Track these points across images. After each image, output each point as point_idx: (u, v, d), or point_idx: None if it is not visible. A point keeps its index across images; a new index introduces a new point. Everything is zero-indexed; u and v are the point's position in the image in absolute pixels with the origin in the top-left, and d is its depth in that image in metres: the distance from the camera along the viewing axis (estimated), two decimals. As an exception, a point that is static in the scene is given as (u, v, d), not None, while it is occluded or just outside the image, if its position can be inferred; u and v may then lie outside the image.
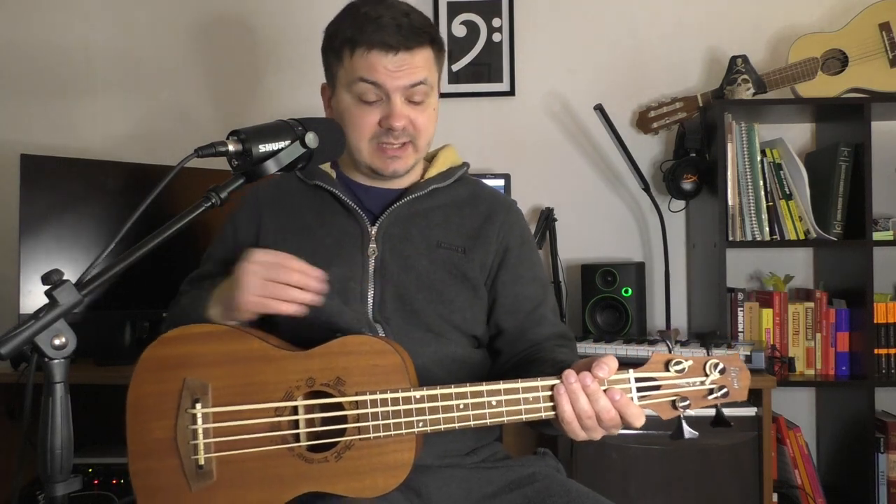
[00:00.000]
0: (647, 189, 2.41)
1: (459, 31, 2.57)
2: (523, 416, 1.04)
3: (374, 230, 1.30)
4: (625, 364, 1.06)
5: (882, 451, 2.18)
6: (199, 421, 1.07)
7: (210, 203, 1.01)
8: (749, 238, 2.25)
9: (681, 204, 2.49)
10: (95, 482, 2.03)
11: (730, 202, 2.23)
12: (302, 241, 1.30)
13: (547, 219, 2.38)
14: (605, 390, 1.02)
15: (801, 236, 2.25)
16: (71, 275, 0.89)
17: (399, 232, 1.31)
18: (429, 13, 2.53)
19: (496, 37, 2.56)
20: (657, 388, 1.03)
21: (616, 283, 2.27)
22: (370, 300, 1.27)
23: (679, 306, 2.50)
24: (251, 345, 1.11)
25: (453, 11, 2.56)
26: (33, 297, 2.02)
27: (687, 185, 2.33)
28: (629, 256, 2.53)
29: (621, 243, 2.54)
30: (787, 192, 2.27)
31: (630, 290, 2.27)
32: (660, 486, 1.86)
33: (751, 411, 1.86)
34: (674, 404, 1.03)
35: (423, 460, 1.22)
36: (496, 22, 2.56)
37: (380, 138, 1.27)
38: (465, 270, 1.30)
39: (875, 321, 2.20)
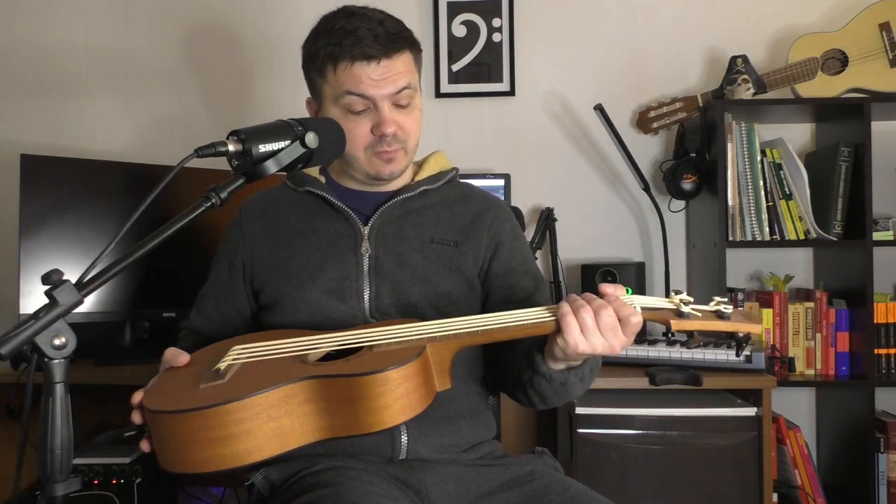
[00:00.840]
0: (647, 189, 2.41)
1: (459, 31, 2.57)
2: (526, 321, 1.04)
3: (366, 230, 1.32)
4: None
5: (882, 451, 2.18)
6: (232, 351, 1.12)
7: (210, 203, 1.01)
8: (749, 238, 2.25)
9: (681, 204, 2.49)
10: (95, 482, 2.03)
11: (730, 202, 2.23)
12: (296, 246, 1.32)
13: (547, 219, 2.38)
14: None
15: (801, 236, 2.25)
16: (71, 275, 0.89)
17: (392, 230, 1.33)
18: (429, 13, 2.55)
19: (496, 37, 2.56)
20: (660, 309, 1.05)
21: (616, 283, 2.27)
22: (366, 297, 1.28)
23: (679, 306, 2.50)
24: (300, 333, 1.17)
25: (453, 11, 2.56)
26: (33, 297, 2.02)
27: (687, 185, 2.33)
28: (629, 256, 2.53)
29: (621, 243, 2.55)
30: (787, 192, 2.27)
31: (630, 290, 2.26)
32: (660, 486, 1.86)
33: (751, 411, 1.86)
34: (679, 312, 1.03)
35: (421, 454, 1.23)
36: (496, 22, 2.56)
37: (374, 147, 1.29)
38: (458, 263, 1.32)
39: (875, 321, 2.20)
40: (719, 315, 1.04)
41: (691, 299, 1.05)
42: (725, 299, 1.05)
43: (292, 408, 0.97)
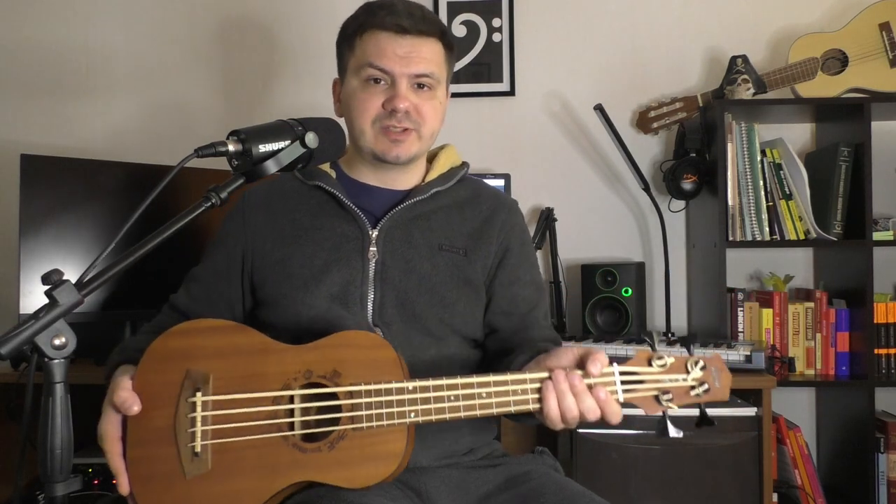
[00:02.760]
0: (647, 189, 2.41)
1: (459, 31, 2.57)
2: (512, 409, 1.05)
3: (374, 233, 1.29)
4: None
5: (882, 451, 2.18)
6: (199, 408, 1.08)
7: (210, 203, 1.01)
8: (749, 238, 2.25)
9: (681, 204, 2.49)
10: (95, 482, 2.03)
11: (730, 202, 2.23)
12: (300, 244, 1.29)
13: (547, 219, 2.38)
14: (590, 387, 1.03)
15: (801, 236, 2.25)
16: (71, 275, 0.89)
17: (400, 235, 1.30)
18: (429, 13, 2.55)
19: (496, 37, 2.56)
20: (640, 382, 1.05)
21: (616, 283, 2.27)
22: (370, 304, 1.26)
23: (679, 306, 2.50)
24: (254, 338, 1.14)
25: (453, 11, 2.56)
26: (33, 297, 2.02)
27: (687, 185, 2.33)
28: (629, 256, 2.53)
29: (621, 243, 2.54)
30: (787, 192, 2.27)
31: (630, 290, 2.27)
32: (660, 486, 1.86)
33: (751, 411, 1.86)
34: (657, 399, 1.05)
35: (421, 462, 1.22)
36: (496, 22, 2.56)
37: (383, 121, 1.27)
38: (467, 273, 1.30)
39: (875, 321, 2.20)
40: (694, 394, 1.05)
41: (665, 357, 1.06)
42: (701, 363, 1.05)
43: (279, 497, 1.09)
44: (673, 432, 1.03)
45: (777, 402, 2.09)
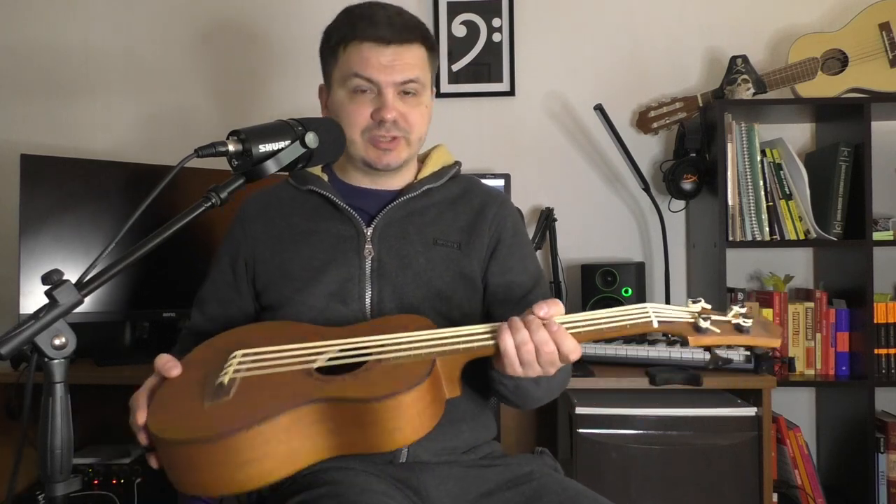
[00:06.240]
0: (647, 189, 2.41)
1: (459, 31, 2.57)
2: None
3: (369, 231, 1.31)
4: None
5: (882, 451, 2.18)
6: (237, 358, 1.10)
7: (210, 203, 1.01)
8: (749, 238, 2.25)
9: (681, 204, 2.49)
10: (95, 482, 2.03)
11: (730, 202, 2.23)
12: (298, 248, 1.31)
13: (547, 219, 2.38)
14: (544, 324, 1.04)
15: (801, 236, 2.25)
16: (71, 275, 0.89)
17: (395, 231, 1.32)
18: (429, 13, 2.55)
19: (496, 37, 2.56)
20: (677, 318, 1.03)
21: (616, 283, 2.27)
22: (367, 301, 1.27)
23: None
24: (301, 327, 1.20)
25: (453, 11, 2.56)
26: (33, 297, 2.02)
27: (687, 185, 2.33)
28: (629, 256, 2.53)
29: (621, 243, 2.54)
30: (787, 192, 2.27)
31: (630, 290, 2.27)
32: (660, 486, 1.86)
33: (751, 411, 1.86)
34: (696, 326, 1.01)
35: (421, 457, 1.23)
36: (496, 22, 2.56)
37: (372, 131, 1.29)
38: (462, 266, 1.31)
39: (875, 321, 2.20)
40: (738, 328, 1.01)
41: (710, 307, 1.03)
42: (744, 310, 1.02)
43: (302, 429, 0.97)
44: (724, 357, 0.99)
45: (777, 402, 2.09)
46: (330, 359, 1.08)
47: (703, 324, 1.00)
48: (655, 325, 1.02)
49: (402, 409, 0.97)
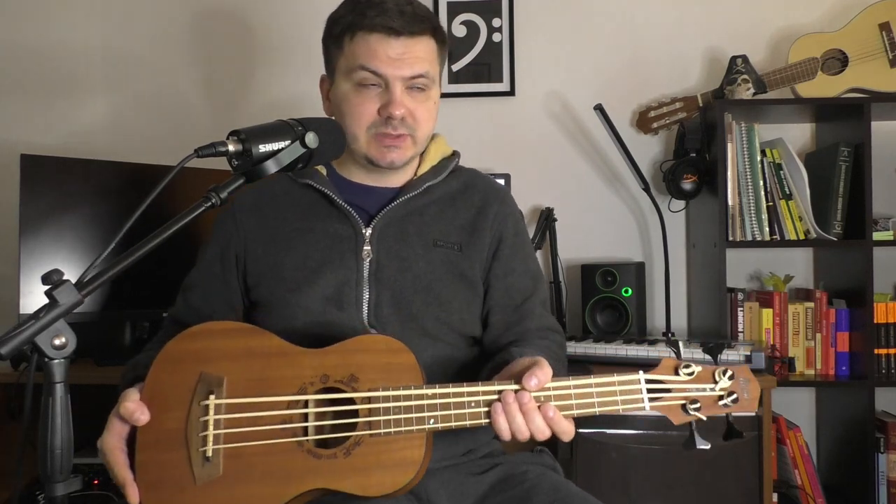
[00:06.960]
0: (647, 189, 2.41)
1: (459, 31, 2.57)
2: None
3: (367, 232, 1.27)
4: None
5: (882, 451, 2.18)
6: (212, 412, 1.06)
7: (210, 203, 1.01)
8: (749, 238, 2.25)
9: (681, 204, 2.49)
10: (95, 482, 2.03)
11: (730, 202, 2.23)
12: (292, 246, 1.27)
13: (547, 219, 2.38)
14: (539, 406, 1.02)
15: (801, 236, 2.25)
16: (71, 275, 0.89)
17: (394, 232, 1.27)
18: (429, 13, 2.54)
19: (496, 37, 2.56)
20: (667, 391, 1.04)
21: (616, 283, 2.27)
22: (365, 305, 1.24)
23: (679, 306, 2.50)
24: (269, 341, 1.12)
25: (453, 11, 2.56)
26: (33, 297, 2.02)
27: (687, 185, 2.33)
28: (629, 256, 2.53)
29: (621, 243, 2.54)
30: (787, 192, 2.27)
31: (630, 290, 2.27)
32: (660, 486, 1.86)
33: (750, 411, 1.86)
34: (685, 408, 1.03)
35: None
36: (496, 22, 2.56)
37: (378, 128, 1.24)
38: (462, 269, 1.28)
39: (875, 321, 2.20)
40: (723, 406, 1.04)
41: (692, 365, 1.05)
42: (730, 383, 1.04)
43: None
44: (700, 444, 1.01)
45: (777, 402, 2.09)
46: (317, 428, 1.08)
47: (691, 409, 1.03)
48: (647, 409, 1.04)
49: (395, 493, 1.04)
